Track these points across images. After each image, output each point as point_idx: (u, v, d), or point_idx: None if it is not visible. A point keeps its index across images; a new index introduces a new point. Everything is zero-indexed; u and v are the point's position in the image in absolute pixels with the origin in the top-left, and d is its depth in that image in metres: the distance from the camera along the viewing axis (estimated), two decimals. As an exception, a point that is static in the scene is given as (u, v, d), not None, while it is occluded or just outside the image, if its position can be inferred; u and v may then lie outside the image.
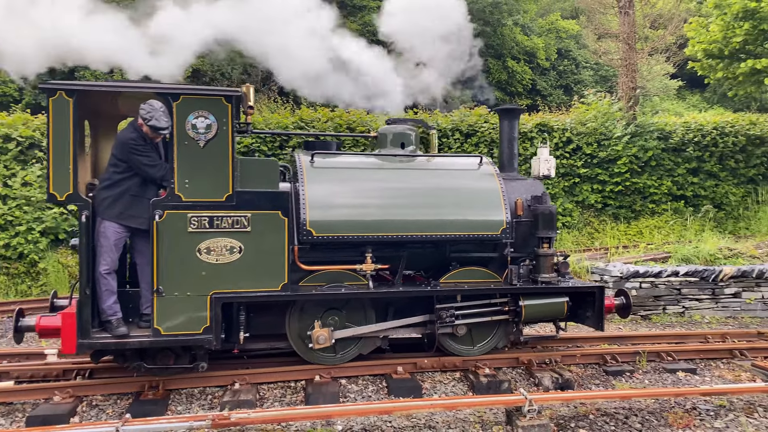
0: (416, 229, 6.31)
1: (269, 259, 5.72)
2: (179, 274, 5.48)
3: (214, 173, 5.57)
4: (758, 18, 12.23)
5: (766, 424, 5.23)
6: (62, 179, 5.32)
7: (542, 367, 6.56)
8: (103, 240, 5.46)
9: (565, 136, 14.45)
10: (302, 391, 5.99)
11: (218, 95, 5.61)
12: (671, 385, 6.36)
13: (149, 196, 5.55)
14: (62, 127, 5.32)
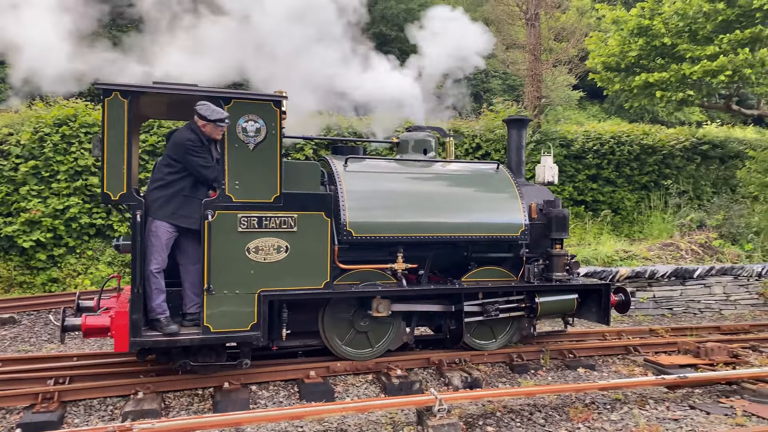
0: (444, 231, 6.75)
1: (313, 258, 5.99)
2: (229, 273, 5.67)
3: (262, 175, 5.80)
4: (651, 35, 13.09)
5: (656, 414, 5.58)
6: (116, 179, 5.40)
7: (452, 366, 6.70)
8: (154, 239, 5.55)
9: (474, 142, 14.86)
10: (210, 398, 5.80)
11: (267, 100, 5.83)
12: (572, 381, 6.67)
13: (200, 197, 5.68)
14: (117, 127, 5.40)
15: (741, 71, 11.87)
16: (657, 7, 13.11)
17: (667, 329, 8.79)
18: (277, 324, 6.08)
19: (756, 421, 5.39)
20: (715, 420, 5.43)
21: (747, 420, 5.39)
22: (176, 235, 5.70)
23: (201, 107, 5.55)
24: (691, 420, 5.44)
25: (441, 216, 6.77)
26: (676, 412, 5.65)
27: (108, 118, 5.39)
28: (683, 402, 5.93)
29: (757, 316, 10.61)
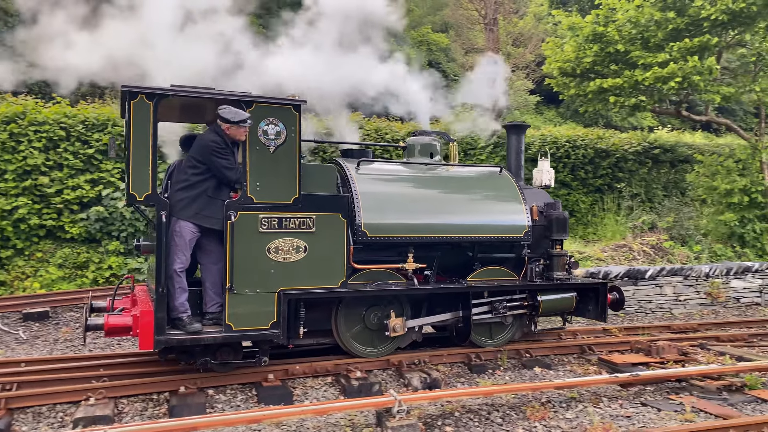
0: (453, 232, 7.00)
1: (331, 257, 6.17)
2: (250, 272, 5.80)
3: (282, 177, 5.95)
4: (605, 41, 13.42)
5: (610, 412, 5.71)
6: (141, 180, 5.48)
7: (411, 367, 6.72)
8: (178, 239, 5.64)
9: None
10: (166, 403, 5.68)
11: (288, 104, 6.01)
12: (529, 380, 6.77)
13: (223, 198, 5.79)
14: (142, 129, 5.49)
15: (690, 78, 12.27)
16: (611, 15, 13.45)
17: (621, 328, 9.00)
18: (294, 323, 6.18)
19: (704, 417, 5.57)
20: (666, 416, 5.59)
21: (695, 416, 5.56)
22: (199, 235, 5.78)
23: (223, 110, 5.68)
24: (643, 417, 5.59)
25: (450, 217, 7.03)
26: (628, 409, 5.79)
27: (134, 121, 5.48)
28: (635, 399, 6.08)
29: (705, 315, 10.97)
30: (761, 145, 13.71)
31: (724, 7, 11.73)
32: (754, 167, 13.62)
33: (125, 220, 11.05)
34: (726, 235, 13.39)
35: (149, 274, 6.50)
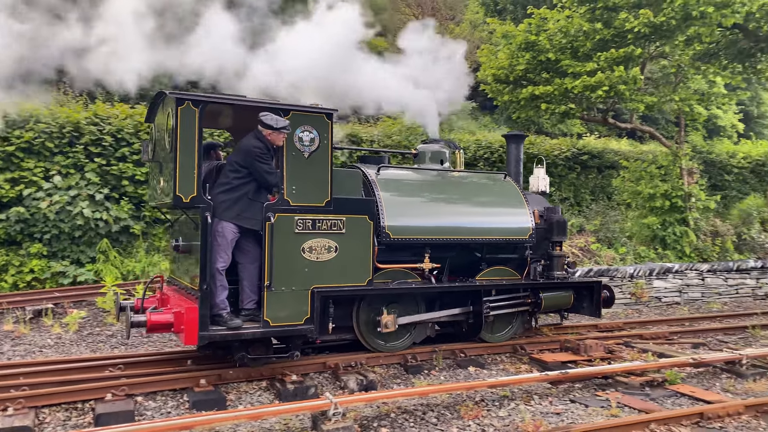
0: (465, 234, 7.57)
1: (359, 257, 6.57)
2: (287, 271, 6.13)
3: (316, 181, 6.31)
4: (537, 50, 13.84)
5: (540, 409, 5.88)
6: (188, 182, 5.74)
7: (348, 370, 6.71)
8: (220, 239, 5.94)
9: (372, 147, 15.02)
10: (91, 412, 5.45)
11: (321, 112, 6.39)
12: (463, 380, 6.88)
13: (262, 200, 6.13)
14: (189, 134, 5.76)
15: (616, 87, 12.80)
16: (543, 24, 13.88)
17: (551, 328, 9.27)
18: (322, 319, 6.47)
19: (628, 411, 5.81)
20: (593, 412, 5.79)
21: (620, 411, 5.79)
22: (239, 236, 6.07)
23: (265, 117, 6.01)
24: (572, 413, 5.78)
25: (463, 220, 7.61)
26: (558, 406, 5.97)
27: (180, 126, 5.73)
28: (565, 396, 6.28)
29: (629, 314, 11.44)
30: (681, 153, 14.44)
31: (646, 21, 12.30)
32: (674, 173, 14.32)
33: (48, 222, 10.54)
34: (649, 238, 14.02)
35: (181, 273, 6.72)
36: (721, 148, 19.14)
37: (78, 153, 11.33)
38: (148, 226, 11.90)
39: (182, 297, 6.30)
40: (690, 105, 14.11)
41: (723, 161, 18.43)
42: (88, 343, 8.31)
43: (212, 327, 5.82)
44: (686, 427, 5.36)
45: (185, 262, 6.54)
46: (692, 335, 9.29)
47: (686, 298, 12.63)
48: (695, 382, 6.88)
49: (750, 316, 11.16)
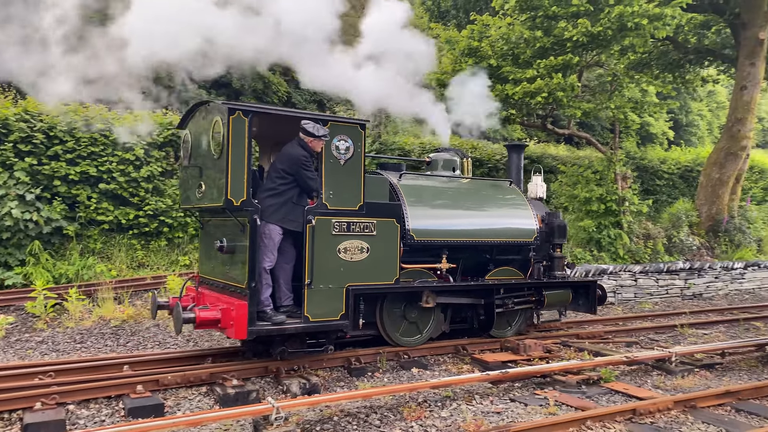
0: (479, 236, 8.20)
1: (387, 257, 7.09)
2: (324, 270, 6.59)
3: (350, 187, 6.80)
4: (479, 56, 14.12)
5: (481, 409, 5.97)
6: (238, 187, 6.14)
7: (290, 374, 6.64)
8: (267, 240, 6.39)
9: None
10: (18, 422, 5.19)
11: (355, 123, 6.93)
12: (407, 381, 6.91)
13: (303, 204, 6.58)
14: (239, 142, 6.14)
15: (555, 94, 13.19)
16: (485, 31, 14.15)
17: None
18: (354, 315, 6.91)
19: (565, 409, 5.97)
20: (532, 410, 5.93)
21: (558, 409, 5.95)
22: (282, 237, 6.49)
23: (307, 125, 6.47)
24: (512, 412, 5.89)
25: (476, 223, 8.23)
26: (498, 405, 6.08)
27: (232, 134, 6.11)
28: (505, 396, 6.40)
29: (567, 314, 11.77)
30: (615, 158, 14.98)
31: (584, 30, 12.72)
32: (609, 178, 14.84)
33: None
34: (585, 240, 14.47)
35: (219, 272, 6.99)
36: (652, 155, 19.98)
37: (6, 151, 10.81)
38: (83, 228, 11.48)
39: (220, 295, 6.70)
40: (624, 112, 14.68)
41: (654, 167, 19.24)
42: (16, 349, 7.93)
43: (259, 323, 6.22)
44: (620, 423, 5.55)
45: (227, 261, 6.75)
46: (626, 334, 9.64)
47: (620, 298, 13.10)
48: (628, 380, 7.14)
49: (679, 315, 11.68)
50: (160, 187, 12.33)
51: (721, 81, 21.79)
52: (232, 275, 6.57)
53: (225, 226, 6.72)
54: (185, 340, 8.44)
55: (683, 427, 5.58)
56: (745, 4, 15.58)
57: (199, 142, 6.87)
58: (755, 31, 15.18)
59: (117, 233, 11.94)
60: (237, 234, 6.43)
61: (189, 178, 7.18)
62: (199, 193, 6.79)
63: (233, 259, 6.57)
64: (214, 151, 6.36)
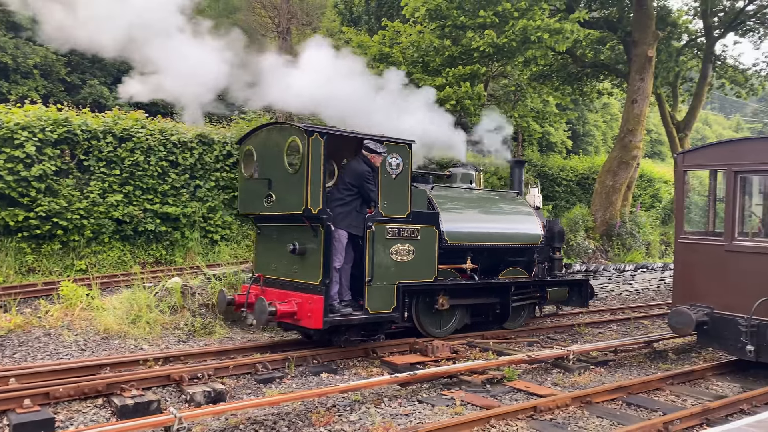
0: (497, 240, 9.43)
1: (428, 258, 8.20)
2: (381, 269, 7.67)
3: (400, 197, 7.93)
4: (390, 62, 14.30)
5: (390, 411, 6.01)
6: (315, 198, 7.09)
7: (194, 382, 6.41)
8: (337, 243, 7.42)
9: (225, 149, 14.57)
10: None
11: (404, 143, 8.04)
12: (316, 386, 6.85)
13: (364, 213, 7.64)
14: (317, 159, 7.13)
15: (463, 102, 13.57)
16: (396, 37, 14.35)
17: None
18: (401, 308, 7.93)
19: (471, 409, 6.12)
20: (439, 411, 6.04)
21: (464, 408, 6.09)
22: None
23: (370, 143, 7.63)
24: (419, 413, 5.98)
25: (494, 229, 9.46)
26: (407, 407, 6.15)
27: (311, 152, 7.10)
28: (413, 397, 6.48)
29: (473, 316, 12.12)
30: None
31: (490, 41, 13.18)
32: (514, 184, 15.41)
33: None
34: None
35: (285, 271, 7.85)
36: (552, 163, 20.96)
37: None
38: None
39: (284, 291, 7.66)
40: (527, 121, 15.31)
41: (554, 174, 20.18)
42: None
43: (330, 314, 7.19)
44: (522, 421, 5.76)
45: (296, 262, 7.64)
46: (528, 334, 10.03)
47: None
48: (530, 378, 7.43)
49: (576, 314, 12.28)
50: (54, 187, 11.58)
51: (615, 94, 23.23)
52: (302, 274, 7.54)
53: (295, 232, 7.62)
54: (80, 349, 7.97)
55: (580, 422, 5.87)
56: (635, 24, 16.70)
57: (268, 157, 7.83)
58: (644, 49, 16.30)
59: (4, 236, 11.09)
60: (309, 238, 7.41)
61: (254, 188, 8.04)
62: (268, 202, 7.72)
63: (304, 259, 7.53)
64: (290, 166, 7.38)
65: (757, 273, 7.21)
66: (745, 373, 7.85)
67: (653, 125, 36.83)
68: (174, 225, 13.36)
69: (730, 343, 7.44)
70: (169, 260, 13.22)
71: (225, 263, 11.88)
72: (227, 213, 14.44)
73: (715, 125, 61.05)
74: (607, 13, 19.22)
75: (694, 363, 8.35)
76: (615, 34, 18.81)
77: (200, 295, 9.66)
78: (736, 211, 7.63)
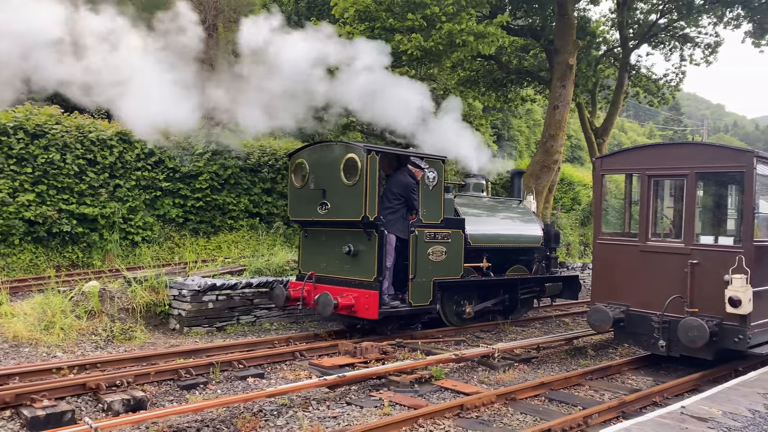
0: (508, 241, 10.80)
1: (457, 258, 9.51)
2: (421, 268, 8.94)
3: (435, 206, 9.22)
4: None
5: (318, 414, 5.95)
6: (372, 207, 8.41)
7: (113, 390, 6.12)
8: (388, 246, 8.69)
9: (147, 148, 14.05)
10: None
11: (440, 158, 9.40)
12: (242, 391, 6.70)
13: (408, 219, 8.87)
14: (373, 173, 8.44)
15: (392, 104, 13.61)
16: (326, 37, 14.23)
17: (330, 332, 9.49)
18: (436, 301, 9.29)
19: (399, 409, 6.15)
20: (368, 412, 6.03)
21: (392, 409, 6.11)
22: None
23: (415, 159, 8.96)
24: (348, 415, 5.95)
25: (505, 231, 10.87)
26: (335, 409, 6.11)
27: (369, 168, 8.38)
28: (341, 399, 6.44)
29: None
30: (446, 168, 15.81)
31: (417, 44, 13.32)
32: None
33: None
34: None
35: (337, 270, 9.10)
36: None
37: None
38: None
39: (336, 287, 8.79)
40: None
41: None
42: None
43: (382, 306, 8.49)
44: (449, 419, 5.83)
45: (350, 262, 8.90)
46: (455, 333, 10.18)
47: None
48: (457, 376, 7.55)
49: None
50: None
51: (538, 101, 24.05)
52: (355, 272, 8.79)
53: (348, 236, 8.89)
54: (-14, 359, 7.46)
55: (504, 419, 6.00)
56: (557, 33, 17.33)
57: (323, 170, 9.03)
58: (566, 57, 16.93)
59: None
60: (363, 241, 8.70)
61: (306, 197, 9.25)
62: (323, 209, 8.95)
63: (356, 259, 8.79)
64: (346, 179, 8.61)
65: (668, 272, 7.61)
66: (657, 367, 8.28)
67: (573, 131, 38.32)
68: (92, 226, 12.78)
69: (644, 339, 7.81)
70: (86, 263, 12.63)
71: (147, 266, 11.43)
72: (149, 214, 13.94)
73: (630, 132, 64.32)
74: (530, 22, 19.88)
75: (612, 359, 8.73)
76: (538, 42, 19.46)
77: (120, 299, 9.26)
78: (649, 212, 8.03)
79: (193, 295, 9.53)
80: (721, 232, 8.58)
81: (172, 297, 9.74)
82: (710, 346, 7.11)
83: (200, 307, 9.56)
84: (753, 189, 7.17)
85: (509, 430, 5.70)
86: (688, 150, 8.07)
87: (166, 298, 9.69)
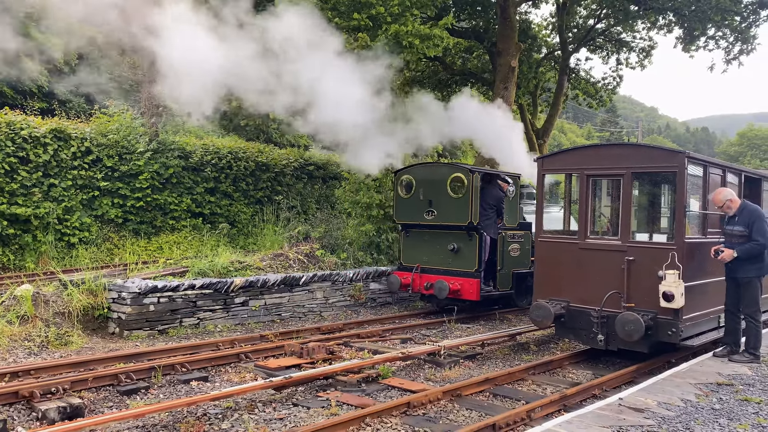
0: None
1: (526, 254, 11.82)
2: (504, 261, 11.42)
3: (513, 213, 11.95)
4: (265, 60, 14.03)
5: (264, 416, 5.88)
6: (475, 214, 10.92)
7: (48, 397, 5.89)
8: (485, 245, 11.20)
9: (84, 146, 13.56)
10: None
11: (516, 175, 12.34)
12: (185, 395, 6.55)
13: (496, 223, 11.46)
14: (476, 189, 10.97)
15: (338, 103, 13.57)
16: (271, 35, 14.06)
17: (276, 334, 9.40)
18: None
19: (347, 409, 6.14)
20: (315, 413, 6.00)
21: (339, 409, 6.10)
22: None
23: (506, 177, 11.71)
24: (295, 417, 5.90)
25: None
26: (282, 411, 6.05)
27: (473, 184, 10.89)
28: (288, 401, 6.39)
29: (349, 315, 12.19)
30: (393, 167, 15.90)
31: (363, 44, 13.33)
32: (387, 185, 15.73)
33: None
34: (366, 244, 15.12)
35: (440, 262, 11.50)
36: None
37: None
38: None
39: (440, 277, 11.20)
40: (401, 125, 15.62)
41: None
42: None
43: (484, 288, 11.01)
44: (396, 417, 5.87)
45: (452, 256, 11.34)
46: (402, 332, 10.27)
47: (397, 297, 13.92)
48: (404, 374, 7.60)
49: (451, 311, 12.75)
50: None
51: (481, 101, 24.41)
52: (458, 264, 11.22)
53: (450, 236, 11.31)
54: None
55: (451, 415, 6.08)
56: (500, 35, 17.68)
57: (430, 185, 11.53)
58: (508, 59, 17.29)
59: None
60: (464, 241, 11.17)
61: (412, 205, 11.80)
62: (430, 216, 11.45)
63: (458, 255, 11.25)
64: (453, 192, 11.18)
65: (606, 269, 7.88)
66: (596, 360, 8.55)
67: (516, 131, 39.08)
68: (24, 227, 12.26)
69: (584, 334, 8.07)
70: (18, 266, 12.09)
71: (84, 268, 11.02)
72: (86, 214, 13.45)
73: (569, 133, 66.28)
74: (474, 24, 20.20)
75: (553, 353, 8.97)
76: (482, 44, 19.79)
77: (55, 302, 8.91)
78: (588, 211, 8.29)
79: (134, 297, 9.26)
80: (655, 230, 8.94)
81: (111, 300, 9.45)
82: (646, 340, 7.40)
83: (141, 309, 9.30)
84: (685, 188, 7.50)
85: (455, 426, 5.78)
86: (625, 151, 8.37)
87: (105, 301, 9.39)
